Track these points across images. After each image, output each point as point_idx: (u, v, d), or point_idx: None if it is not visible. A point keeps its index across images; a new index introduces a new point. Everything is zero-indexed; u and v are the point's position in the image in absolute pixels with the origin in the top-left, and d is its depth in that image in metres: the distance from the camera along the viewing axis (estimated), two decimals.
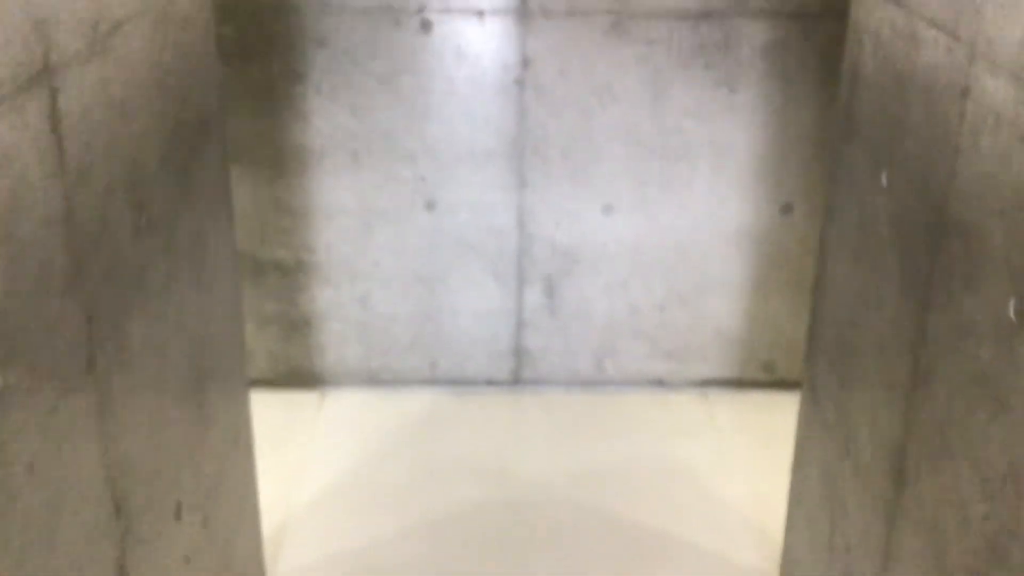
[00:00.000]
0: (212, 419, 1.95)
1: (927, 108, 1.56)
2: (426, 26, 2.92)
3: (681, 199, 3.12)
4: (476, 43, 2.94)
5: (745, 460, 3.01)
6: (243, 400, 2.20)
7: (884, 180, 1.74)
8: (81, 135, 1.32)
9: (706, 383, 3.35)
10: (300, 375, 3.32)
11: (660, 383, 3.35)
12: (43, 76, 1.21)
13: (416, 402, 3.28)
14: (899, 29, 1.67)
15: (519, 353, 3.31)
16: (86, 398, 1.35)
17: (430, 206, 3.13)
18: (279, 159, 3.06)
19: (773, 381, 3.34)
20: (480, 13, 2.91)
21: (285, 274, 3.20)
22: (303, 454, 3.01)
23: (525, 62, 2.97)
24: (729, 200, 3.12)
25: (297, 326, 3.26)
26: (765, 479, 2.86)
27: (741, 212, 3.13)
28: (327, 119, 3.02)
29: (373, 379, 3.32)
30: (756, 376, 3.34)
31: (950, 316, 1.50)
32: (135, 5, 1.51)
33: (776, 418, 3.11)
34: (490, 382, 3.34)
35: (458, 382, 3.33)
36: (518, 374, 3.33)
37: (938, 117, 1.52)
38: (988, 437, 1.33)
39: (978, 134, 1.38)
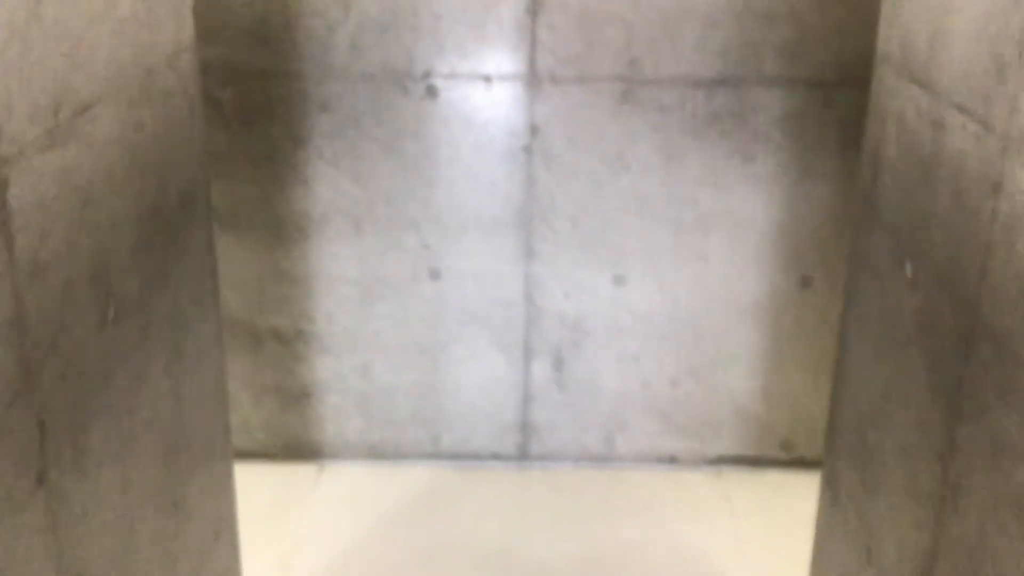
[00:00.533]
0: (190, 514, 1.83)
1: (955, 199, 1.45)
2: (432, 92, 2.84)
3: (695, 270, 3.00)
4: (483, 109, 2.86)
5: (762, 546, 2.85)
6: (226, 489, 2.08)
7: (908, 271, 1.62)
8: (36, 229, 1.22)
9: (721, 461, 3.20)
10: (298, 448, 3.20)
11: (673, 461, 3.20)
12: None
13: (418, 477, 3.15)
14: (924, 113, 1.56)
15: (526, 428, 3.18)
16: (36, 515, 1.23)
17: (434, 275, 3.02)
18: (279, 225, 2.97)
19: (791, 460, 3.19)
20: (487, 79, 2.83)
21: (283, 344, 3.09)
22: (298, 532, 2.88)
23: (533, 129, 2.88)
24: (745, 272, 3.00)
25: (295, 397, 3.15)
26: (783, 568, 2.70)
27: (758, 284, 3.01)
28: (329, 185, 2.94)
29: (373, 452, 3.19)
30: (774, 455, 3.19)
31: (982, 428, 1.36)
32: (107, 84, 1.42)
33: (795, 500, 2.96)
34: (495, 457, 3.21)
35: (462, 457, 3.20)
36: (524, 449, 3.20)
37: (967, 210, 1.40)
38: None
39: (1012, 233, 1.26)
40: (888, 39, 1.74)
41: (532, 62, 2.81)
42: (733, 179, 2.91)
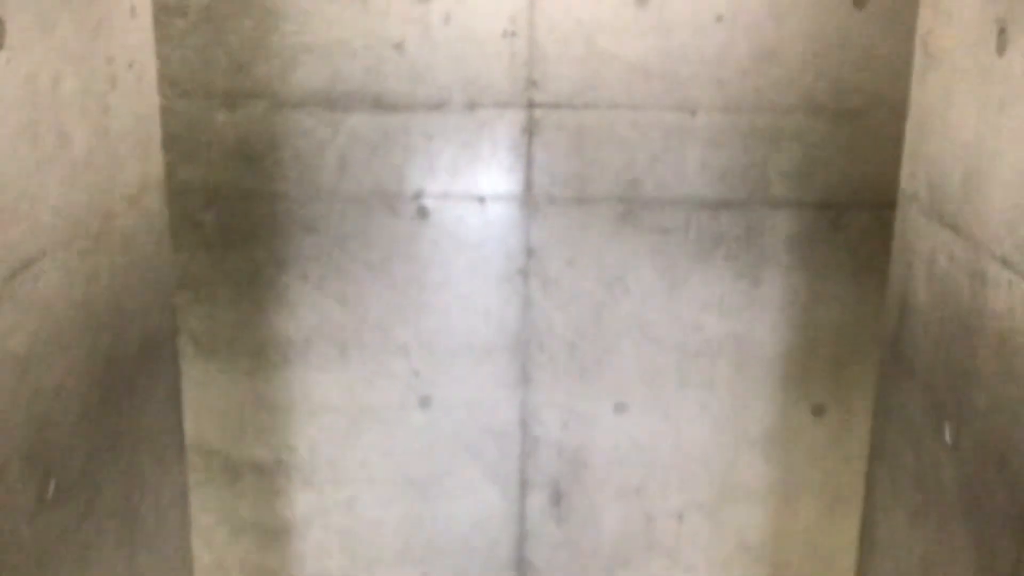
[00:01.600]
0: None
1: (1003, 362, 1.29)
2: (423, 213, 2.71)
3: (701, 398, 2.83)
4: (477, 230, 2.73)
5: None
6: None
7: (948, 435, 1.45)
8: None
9: None
10: None
11: None
12: None
13: None
14: (960, 261, 1.41)
15: (522, 566, 2.96)
16: None
17: (424, 403, 2.85)
18: (260, 351, 2.81)
19: None
20: (481, 199, 2.71)
21: (263, 476, 2.89)
22: None
23: (529, 251, 2.74)
24: (754, 400, 2.83)
25: (275, 534, 2.93)
26: None
27: (767, 413, 2.84)
28: (314, 309, 2.78)
29: None
30: None
31: None
32: (54, 235, 1.27)
33: None
34: None
35: None
36: None
37: (1018, 378, 1.24)
38: None
39: None
40: (913, 176, 1.60)
41: (528, 182, 2.69)
42: (740, 303, 2.76)
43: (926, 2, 1.52)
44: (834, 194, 2.68)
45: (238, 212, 2.71)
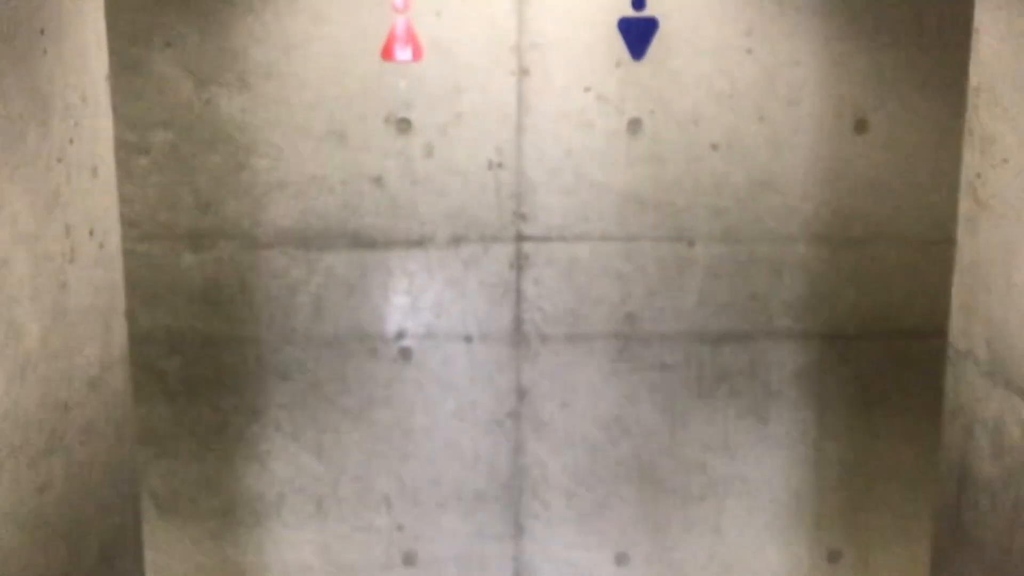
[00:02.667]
0: None
1: None
2: (406, 354, 2.53)
3: (708, 545, 2.63)
4: (463, 372, 2.54)
5: None
6: None
7: None
8: None
9: None
10: None
11: None
12: None
13: None
14: None
15: None
16: None
17: (409, 560, 2.61)
18: (228, 510, 2.56)
19: None
20: (468, 338, 2.53)
21: None
22: None
23: (520, 392, 2.55)
24: (765, 545, 2.63)
25: None
26: None
27: (780, 559, 2.63)
28: (288, 461, 2.55)
29: None
30: None
31: None
32: None
33: None
34: None
35: None
36: None
37: None
38: None
39: None
40: (966, 333, 1.46)
41: (518, 319, 2.52)
42: (746, 441, 2.59)
43: (973, 144, 1.40)
44: (841, 325, 2.54)
45: (204, 360, 2.50)
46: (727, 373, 2.56)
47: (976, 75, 1.37)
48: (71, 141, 1.25)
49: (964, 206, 1.44)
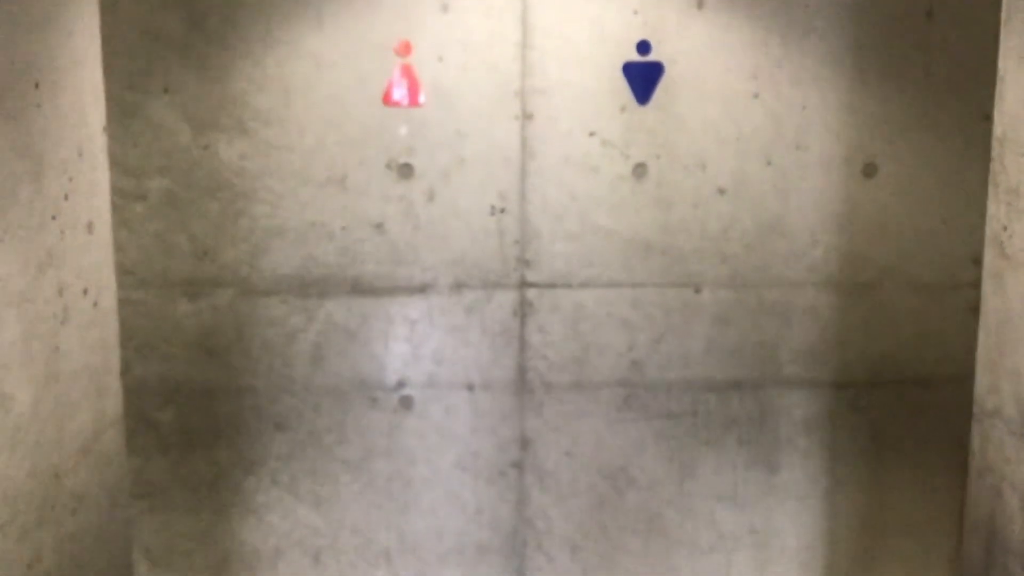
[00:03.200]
0: None
1: None
2: (407, 403, 2.46)
3: None
4: (466, 421, 2.48)
5: None
6: None
7: None
8: None
9: None
10: None
11: None
12: None
13: None
14: None
15: None
16: None
17: None
18: (223, 565, 2.48)
19: None
20: (470, 387, 2.47)
21: None
22: None
23: (524, 442, 2.49)
24: None
25: None
26: None
27: None
28: (284, 514, 2.48)
29: None
30: None
31: None
32: None
33: None
34: None
35: None
36: None
37: None
38: None
39: None
40: (994, 390, 1.40)
41: (521, 368, 2.47)
42: (756, 492, 2.52)
43: (997, 195, 1.35)
44: (851, 372, 2.49)
45: (200, 410, 2.43)
46: (735, 421, 2.50)
47: (1001, 124, 1.33)
48: (66, 197, 1.20)
49: (989, 260, 1.40)
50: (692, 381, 2.48)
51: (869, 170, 2.41)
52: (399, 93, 2.33)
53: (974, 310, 2.12)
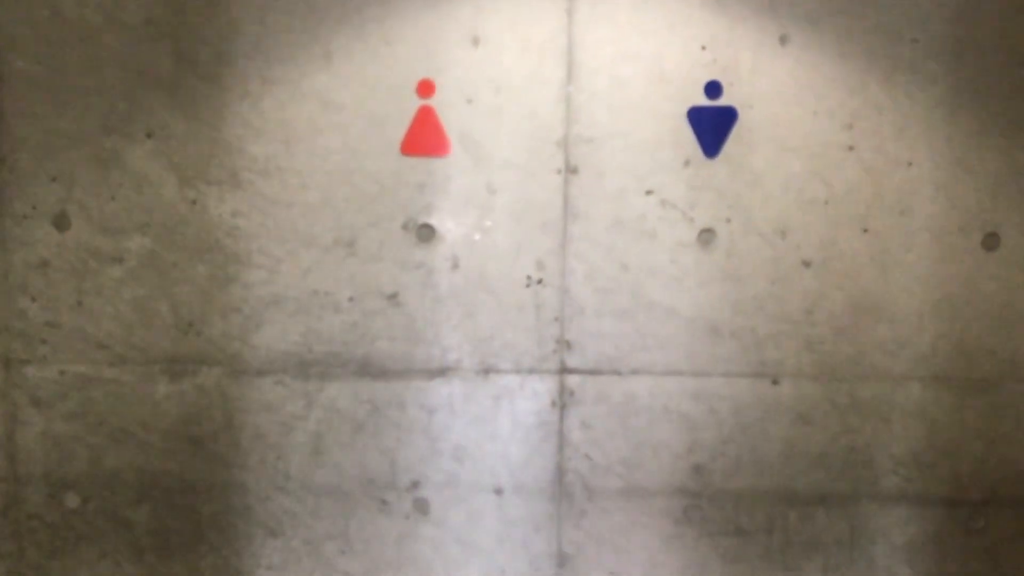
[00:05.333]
0: None
1: None
2: (422, 508, 2.07)
3: None
4: (492, 531, 2.08)
5: None
6: None
7: None
8: None
9: None
10: None
11: None
12: None
13: None
14: None
15: None
16: None
17: None
18: None
19: None
20: (498, 490, 2.07)
21: None
22: None
23: (562, 559, 2.08)
24: None
25: None
26: None
27: None
28: None
29: None
30: None
31: None
32: None
33: None
34: None
35: None
36: None
37: None
38: None
39: None
40: None
41: (560, 469, 2.06)
42: None
43: None
44: (965, 487, 2.03)
45: (179, 509, 2.07)
46: (820, 543, 2.06)
47: None
48: None
49: None
50: (767, 492, 2.05)
51: (990, 241, 1.97)
52: (420, 140, 1.97)
53: None
